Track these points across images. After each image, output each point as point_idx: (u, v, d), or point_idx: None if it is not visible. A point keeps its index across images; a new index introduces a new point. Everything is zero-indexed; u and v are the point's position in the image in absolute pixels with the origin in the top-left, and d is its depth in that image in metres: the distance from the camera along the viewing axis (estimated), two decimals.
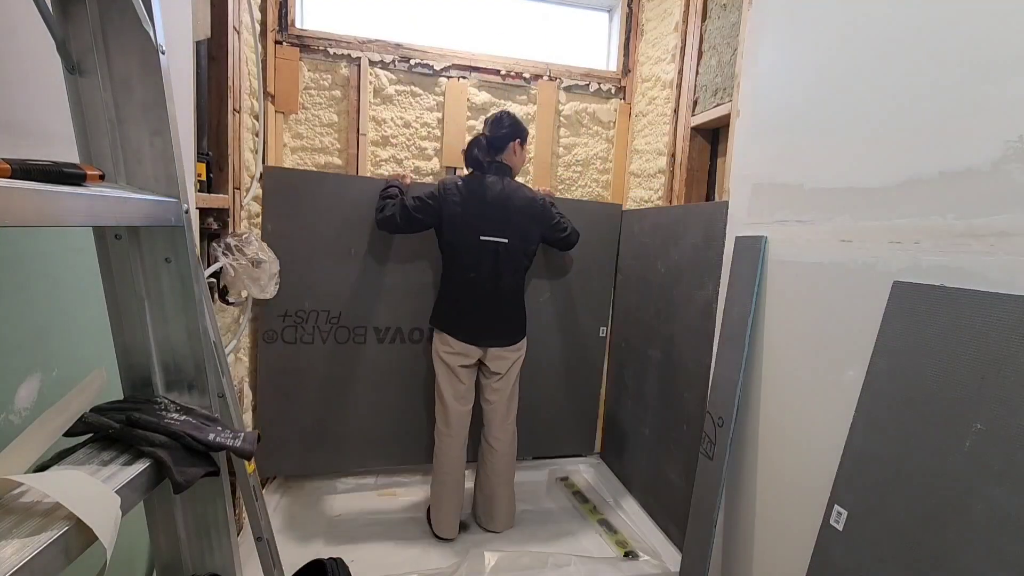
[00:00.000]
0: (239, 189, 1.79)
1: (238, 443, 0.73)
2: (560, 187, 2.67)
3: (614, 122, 2.67)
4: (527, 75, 2.52)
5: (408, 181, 2.19)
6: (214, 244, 1.67)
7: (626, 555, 1.96)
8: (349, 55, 2.33)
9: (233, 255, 1.67)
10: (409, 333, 2.41)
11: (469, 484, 2.22)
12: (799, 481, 1.33)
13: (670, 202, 2.21)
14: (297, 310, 2.24)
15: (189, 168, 1.41)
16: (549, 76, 2.54)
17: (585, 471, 2.65)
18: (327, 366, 2.32)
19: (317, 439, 2.37)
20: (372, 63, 2.35)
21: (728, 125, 1.81)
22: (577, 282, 2.60)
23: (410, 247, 2.34)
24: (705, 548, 1.55)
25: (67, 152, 0.72)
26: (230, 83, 1.67)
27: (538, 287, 2.56)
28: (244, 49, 1.82)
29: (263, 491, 2.22)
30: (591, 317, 2.65)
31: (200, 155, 1.55)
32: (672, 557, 1.93)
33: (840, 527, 1.10)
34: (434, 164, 2.49)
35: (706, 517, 1.57)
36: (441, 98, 2.46)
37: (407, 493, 2.38)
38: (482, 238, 1.97)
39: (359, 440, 2.42)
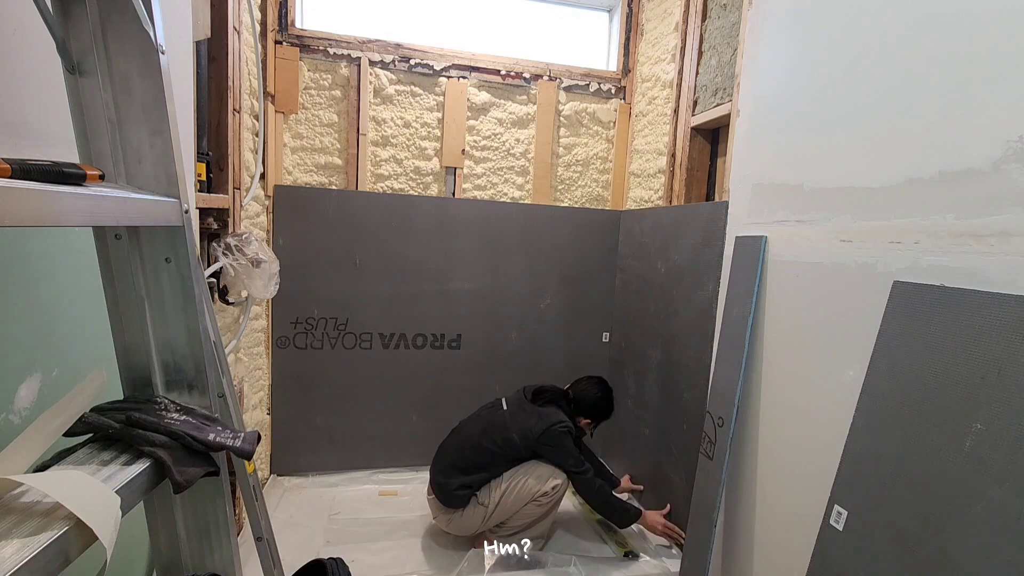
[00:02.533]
0: (239, 189, 1.79)
1: (238, 443, 0.73)
2: (560, 187, 2.67)
3: (614, 122, 2.67)
4: (527, 75, 2.52)
5: None
6: (214, 244, 1.67)
7: (626, 555, 1.96)
8: (349, 55, 2.33)
9: (233, 255, 1.67)
10: (413, 339, 2.47)
11: None
12: (799, 481, 1.33)
13: (670, 202, 2.21)
14: (307, 317, 2.35)
15: (189, 168, 1.41)
16: (549, 76, 2.54)
17: None
18: (335, 370, 2.41)
19: (327, 438, 2.44)
20: (372, 63, 2.35)
21: (728, 125, 1.81)
22: (578, 288, 2.63)
23: (411, 257, 2.40)
24: (705, 548, 1.55)
25: (67, 152, 0.72)
26: (230, 83, 1.67)
27: (538, 293, 2.59)
28: (244, 49, 1.82)
29: (263, 491, 2.22)
30: (593, 323, 2.68)
31: (200, 155, 1.55)
32: (672, 557, 1.93)
33: (840, 527, 1.10)
34: (434, 164, 2.50)
35: (706, 517, 1.57)
36: (441, 98, 2.45)
37: (408, 493, 2.38)
38: None
39: (364, 440, 2.48)
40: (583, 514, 2.29)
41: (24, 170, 0.50)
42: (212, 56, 1.64)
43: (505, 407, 2.05)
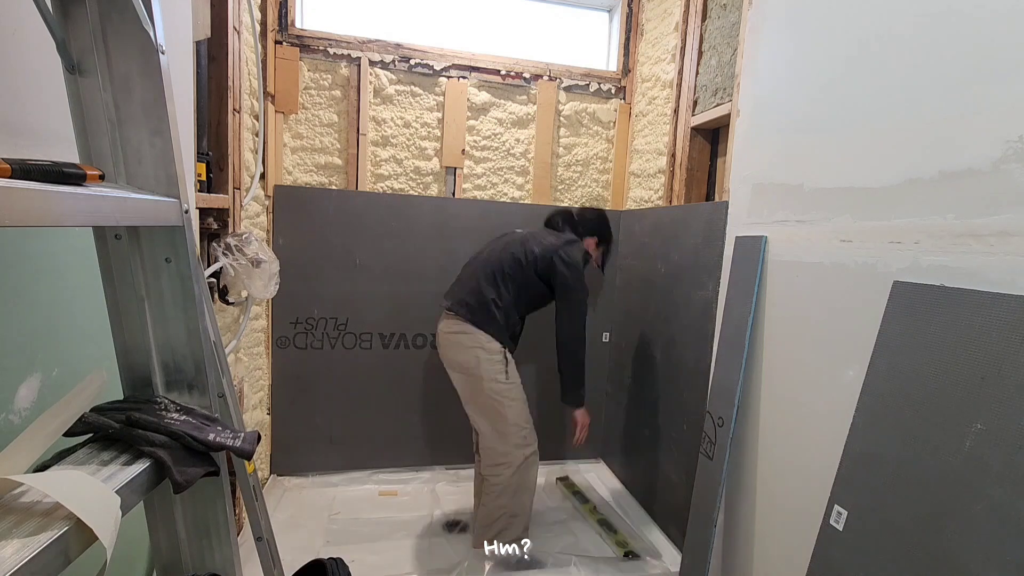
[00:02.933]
0: (239, 189, 1.79)
1: (238, 443, 0.73)
2: (560, 187, 2.67)
3: (614, 122, 2.67)
4: (527, 75, 2.52)
5: None
6: (214, 244, 1.67)
7: (626, 555, 1.96)
8: (349, 55, 2.33)
9: (233, 255, 1.67)
10: (413, 339, 2.47)
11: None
12: (799, 481, 1.33)
13: (670, 202, 2.21)
14: (307, 317, 2.35)
15: (189, 168, 1.41)
16: (549, 76, 2.54)
17: (585, 471, 2.65)
18: (336, 370, 2.40)
19: (326, 439, 2.44)
20: (372, 63, 2.35)
21: (728, 125, 1.81)
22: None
23: (411, 257, 2.40)
24: (705, 548, 1.55)
25: (67, 152, 0.72)
26: (230, 83, 1.67)
27: None
28: (244, 49, 1.82)
29: (263, 491, 2.22)
30: (593, 323, 2.64)
31: (200, 155, 1.55)
32: (672, 557, 1.93)
33: (840, 527, 1.10)
34: (434, 164, 2.50)
35: (706, 517, 1.57)
36: (441, 98, 2.45)
37: (408, 493, 2.38)
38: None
39: (365, 440, 2.48)
40: (583, 514, 2.29)
41: (24, 170, 0.50)
42: (212, 56, 1.64)
43: (519, 231, 2.08)
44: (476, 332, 1.88)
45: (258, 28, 2.00)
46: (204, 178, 1.58)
